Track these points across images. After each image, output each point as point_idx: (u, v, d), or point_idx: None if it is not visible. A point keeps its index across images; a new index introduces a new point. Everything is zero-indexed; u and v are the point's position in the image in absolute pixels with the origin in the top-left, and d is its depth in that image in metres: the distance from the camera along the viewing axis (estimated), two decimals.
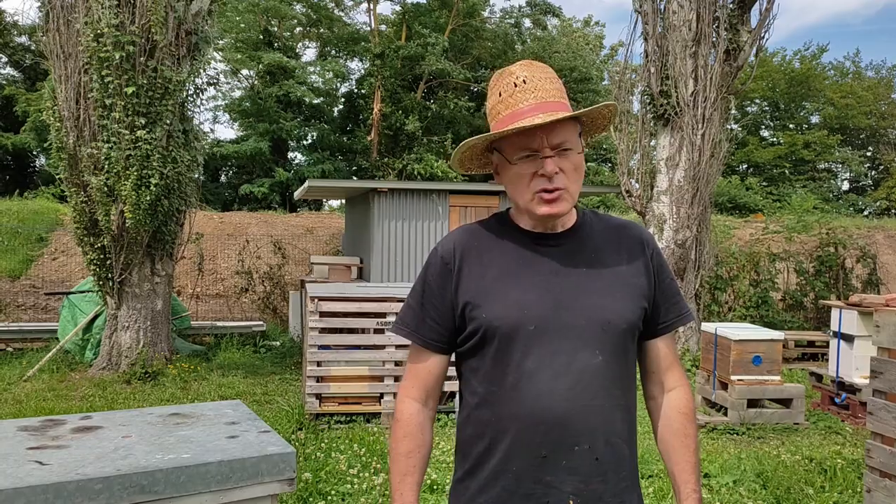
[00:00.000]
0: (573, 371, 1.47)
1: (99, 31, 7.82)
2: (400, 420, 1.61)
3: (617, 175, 10.66)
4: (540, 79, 1.50)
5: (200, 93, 9.20)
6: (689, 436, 1.60)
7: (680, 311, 1.64)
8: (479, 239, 1.60)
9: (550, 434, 1.46)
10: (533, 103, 1.48)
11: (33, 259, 13.74)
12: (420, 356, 1.63)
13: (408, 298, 1.67)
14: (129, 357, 8.46)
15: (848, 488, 4.79)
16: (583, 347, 1.48)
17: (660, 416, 1.64)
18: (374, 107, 26.38)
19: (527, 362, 1.47)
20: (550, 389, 1.46)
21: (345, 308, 6.48)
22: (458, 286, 1.56)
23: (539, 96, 1.48)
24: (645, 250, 1.62)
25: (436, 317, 1.59)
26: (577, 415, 1.46)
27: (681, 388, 1.64)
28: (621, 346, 1.53)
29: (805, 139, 30.73)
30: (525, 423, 1.47)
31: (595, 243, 1.59)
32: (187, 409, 2.52)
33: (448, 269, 1.58)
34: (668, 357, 1.64)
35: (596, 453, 1.48)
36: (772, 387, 6.61)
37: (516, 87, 1.49)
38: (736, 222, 18.00)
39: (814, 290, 12.46)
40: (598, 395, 1.48)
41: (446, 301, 1.58)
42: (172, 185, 8.44)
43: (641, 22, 9.94)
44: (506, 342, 1.49)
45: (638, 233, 1.65)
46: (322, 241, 15.77)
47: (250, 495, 2.02)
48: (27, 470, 1.82)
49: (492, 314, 1.50)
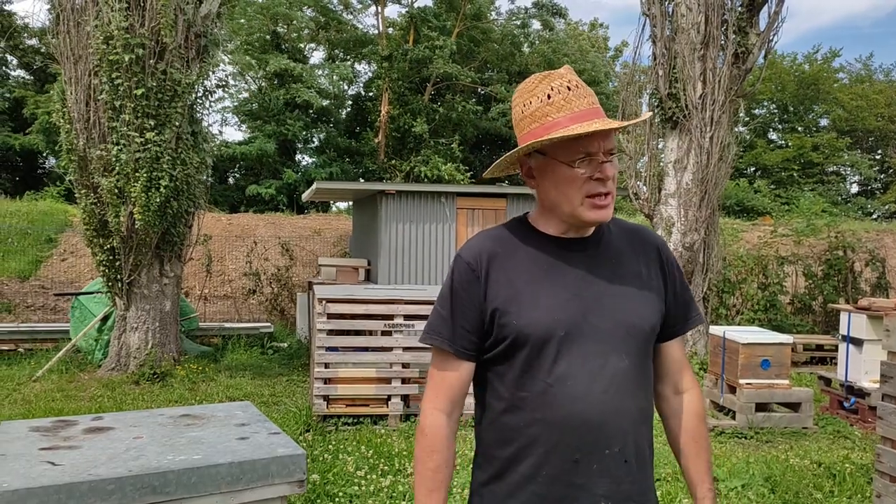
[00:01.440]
0: (605, 375, 1.48)
1: (109, 33, 7.86)
2: (427, 434, 1.57)
3: (625, 178, 10.64)
4: (586, 84, 1.52)
5: (209, 95, 9.24)
6: (704, 437, 1.66)
7: (692, 314, 1.68)
8: (504, 245, 1.60)
9: (585, 438, 1.47)
10: (587, 108, 1.49)
11: (42, 260, 13.81)
12: (450, 365, 1.59)
13: (436, 307, 1.63)
14: (137, 358, 8.50)
15: (857, 493, 4.76)
16: (612, 351, 1.50)
17: (674, 418, 1.68)
18: (381, 109, 26.42)
19: (559, 367, 1.48)
20: (585, 393, 1.47)
21: (352, 310, 6.48)
22: (487, 293, 1.54)
23: (591, 101, 1.50)
24: (660, 254, 1.65)
25: (466, 325, 1.56)
26: (611, 418, 1.48)
27: (693, 391, 1.69)
28: (644, 350, 1.56)
29: (814, 142, 30.61)
30: (559, 427, 1.47)
31: (616, 248, 1.61)
32: (198, 411, 2.53)
33: (475, 275, 1.56)
34: (681, 359, 1.69)
35: (626, 455, 1.50)
36: (780, 391, 6.59)
37: (570, 91, 1.49)
38: (744, 225, 17.94)
39: (822, 294, 12.40)
40: (627, 398, 1.50)
41: (476, 308, 1.55)
42: (181, 187, 8.47)
43: (650, 25, 9.92)
44: (537, 348, 1.49)
45: (652, 237, 1.68)
46: (330, 243, 15.80)
47: (260, 497, 2.03)
48: (40, 470, 1.83)
49: (522, 321, 1.50)
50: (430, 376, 1.63)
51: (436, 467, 1.55)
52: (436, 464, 1.55)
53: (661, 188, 9.86)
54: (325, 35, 29.74)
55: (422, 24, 26.96)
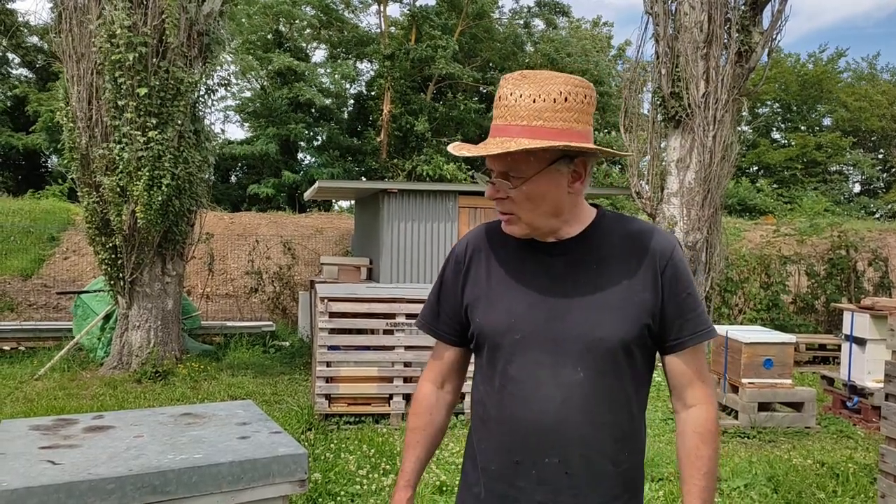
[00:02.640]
0: (554, 384, 1.47)
1: (112, 32, 7.85)
2: (415, 399, 1.74)
3: (627, 177, 10.62)
4: (518, 97, 1.41)
5: (212, 94, 9.23)
6: (701, 458, 1.51)
7: (695, 329, 1.53)
8: (491, 240, 1.63)
9: (524, 442, 1.49)
10: (500, 124, 1.44)
11: (45, 258, 13.83)
12: (438, 348, 1.73)
13: (429, 294, 1.75)
14: (139, 356, 8.50)
15: (860, 493, 4.75)
16: (565, 363, 1.47)
17: (678, 434, 1.58)
18: (383, 108, 26.41)
19: (511, 369, 1.51)
20: (528, 399, 1.48)
21: (354, 309, 6.48)
22: (464, 287, 1.63)
23: (507, 118, 1.43)
24: (657, 262, 1.51)
25: (449, 311, 1.67)
26: (551, 428, 1.46)
27: (700, 407, 1.54)
28: (610, 364, 1.47)
29: (817, 141, 30.56)
30: (504, 426, 1.52)
31: (603, 253, 1.52)
32: (199, 410, 2.53)
33: (460, 267, 1.65)
34: (686, 374, 1.55)
35: (567, 468, 1.46)
36: (783, 390, 6.57)
37: (499, 101, 1.46)
38: (746, 225, 17.92)
39: (825, 293, 12.37)
40: (578, 411, 1.46)
41: (457, 298, 1.64)
42: (183, 186, 8.47)
43: (653, 23, 9.91)
44: (493, 348, 1.54)
45: (653, 243, 1.53)
46: (332, 242, 15.80)
47: (262, 496, 2.02)
48: (39, 469, 1.82)
49: (483, 319, 1.56)
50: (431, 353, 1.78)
51: (413, 428, 1.71)
52: (414, 424, 1.71)
53: (663, 187, 9.85)
54: (327, 34, 29.74)
55: (423, 23, 26.94)
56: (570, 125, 1.41)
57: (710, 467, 1.51)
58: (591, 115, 1.47)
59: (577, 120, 1.42)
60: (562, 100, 1.40)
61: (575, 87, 1.42)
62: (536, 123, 1.40)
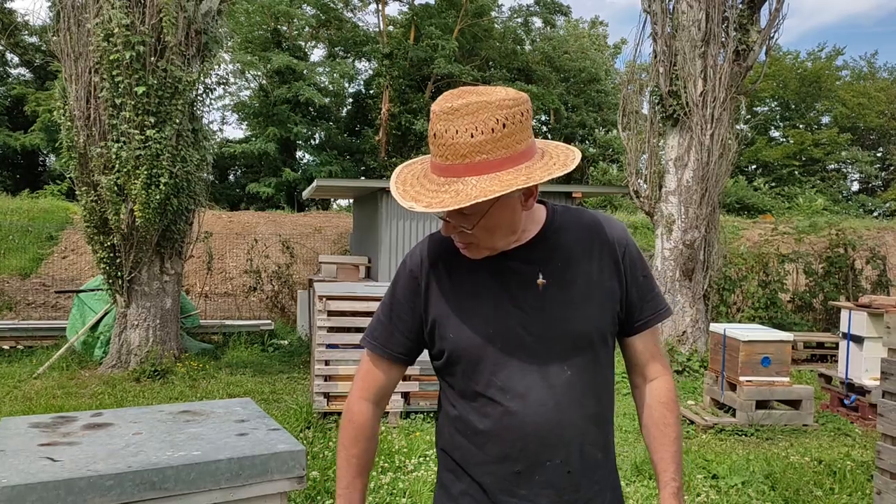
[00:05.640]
0: (545, 386, 1.46)
1: (109, 30, 7.85)
2: (354, 422, 1.62)
3: (625, 175, 10.63)
4: (457, 132, 1.32)
5: (210, 92, 9.23)
6: (669, 425, 1.60)
7: (656, 309, 1.60)
8: (447, 252, 1.56)
9: (525, 450, 1.46)
10: (441, 163, 1.36)
11: (43, 257, 13.82)
12: (381, 366, 1.64)
13: (377, 311, 1.66)
14: (138, 355, 8.50)
15: (857, 490, 4.76)
16: (551, 363, 1.47)
17: (642, 406, 1.64)
18: (382, 107, 26.40)
19: (497, 380, 1.47)
20: (522, 406, 1.46)
21: (353, 307, 6.48)
22: (427, 303, 1.55)
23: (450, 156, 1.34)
24: (616, 250, 1.56)
25: (404, 330, 1.59)
26: (550, 431, 1.46)
27: (661, 379, 1.63)
28: (591, 356, 1.51)
29: (815, 138, 30.56)
30: (498, 439, 1.47)
31: (564, 250, 1.53)
32: (197, 407, 2.53)
33: (416, 283, 1.57)
34: (648, 352, 1.62)
35: (569, 466, 1.48)
36: (780, 388, 6.59)
37: (435, 139, 1.36)
38: (745, 223, 17.94)
39: (823, 292, 12.38)
40: (570, 408, 1.47)
41: (416, 315, 1.57)
42: (182, 185, 8.46)
43: (650, 22, 9.91)
44: (473, 362, 1.49)
45: (608, 233, 1.57)
46: (330, 241, 15.80)
47: (260, 493, 2.03)
48: (39, 466, 1.83)
49: (457, 335, 1.50)
50: (361, 368, 1.68)
51: (360, 453, 1.61)
52: (360, 450, 1.61)
53: (661, 186, 9.85)
54: (325, 33, 29.71)
55: (423, 23, 26.92)
56: (513, 149, 1.34)
57: (677, 433, 1.61)
58: (530, 128, 1.40)
59: (519, 141, 1.35)
60: (500, 128, 1.32)
61: (510, 108, 1.33)
62: (479, 158, 1.32)
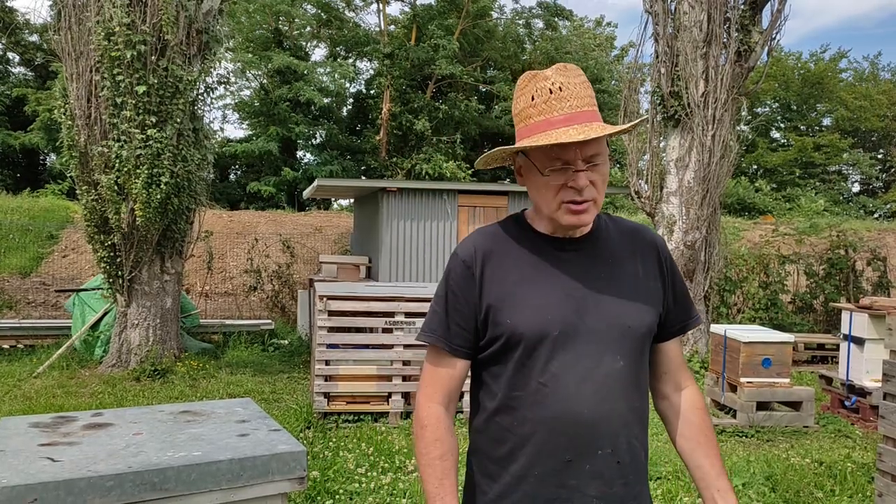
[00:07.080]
0: (598, 375, 1.48)
1: (110, 29, 7.85)
2: (428, 425, 1.56)
3: (626, 176, 10.62)
4: (575, 85, 1.46)
5: (211, 92, 9.22)
6: (711, 430, 1.63)
7: (691, 315, 1.67)
8: (499, 242, 1.59)
9: (576, 438, 1.46)
10: (567, 113, 1.44)
11: (44, 256, 13.82)
12: (445, 362, 1.59)
13: (433, 305, 1.64)
14: (138, 354, 8.50)
15: (858, 492, 4.75)
16: (605, 352, 1.49)
17: (677, 415, 1.66)
18: (383, 107, 26.38)
19: (552, 367, 1.47)
20: (576, 393, 1.46)
21: (353, 307, 6.48)
22: (482, 291, 1.54)
23: (573, 105, 1.44)
24: (659, 255, 1.64)
25: (461, 322, 1.56)
26: (602, 419, 1.47)
27: (693, 386, 1.68)
28: (639, 351, 1.55)
29: (816, 142, 30.53)
30: (551, 427, 1.47)
31: (612, 248, 1.59)
32: (198, 407, 2.52)
33: (471, 273, 1.56)
34: (678, 357, 1.68)
35: (618, 457, 1.49)
36: (781, 389, 6.58)
37: (551, 94, 1.45)
38: (745, 224, 17.93)
39: (824, 293, 12.38)
40: (620, 399, 1.50)
41: (471, 306, 1.56)
42: (182, 184, 8.46)
43: (652, 23, 9.89)
44: (531, 348, 1.49)
45: (651, 237, 1.66)
46: (331, 241, 15.80)
47: (261, 493, 2.02)
48: (39, 466, 1.82)
49: (516, 320, 1.49)
50: (424, 372, 1.63)
51: (442, 455, 1.54)
52: (441, 452, 1.54)
53: (662, 186, 9.84)
54: (326, 32, 29.70)
55: (424, 24, 26.91)
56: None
57: (716, 437, 1.64)
58: None
59: None
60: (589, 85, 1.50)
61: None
62: (594, 107, 1.48)
